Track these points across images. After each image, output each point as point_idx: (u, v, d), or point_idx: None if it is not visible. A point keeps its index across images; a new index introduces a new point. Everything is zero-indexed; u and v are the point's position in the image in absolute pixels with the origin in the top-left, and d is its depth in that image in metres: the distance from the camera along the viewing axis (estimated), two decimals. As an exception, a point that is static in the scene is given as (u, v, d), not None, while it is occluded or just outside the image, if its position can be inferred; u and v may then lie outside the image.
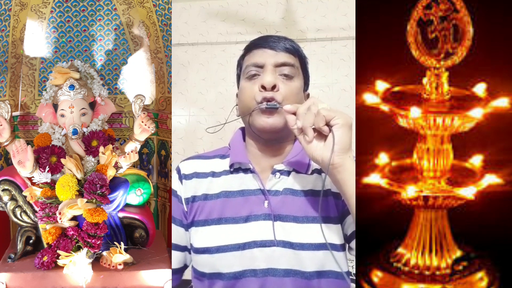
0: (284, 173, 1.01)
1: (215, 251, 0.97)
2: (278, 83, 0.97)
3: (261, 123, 0.97)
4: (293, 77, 1.00)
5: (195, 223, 1.03)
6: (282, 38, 1.03)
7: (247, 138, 1.07)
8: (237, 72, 1.10)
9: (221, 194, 1.02)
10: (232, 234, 0.97)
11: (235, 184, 1.02)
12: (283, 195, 0.99)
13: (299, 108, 0.86)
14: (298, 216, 0.97)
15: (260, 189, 1.00)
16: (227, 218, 0.99)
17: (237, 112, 1.07)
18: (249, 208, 0.99)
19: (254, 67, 1.00)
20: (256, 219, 0.97)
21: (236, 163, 1.04)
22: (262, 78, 0.98)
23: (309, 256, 0.94)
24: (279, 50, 1.00)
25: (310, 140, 0.84)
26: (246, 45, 1.06)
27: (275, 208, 0.97)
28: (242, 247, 0.96)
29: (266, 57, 0.99)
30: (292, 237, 0.95)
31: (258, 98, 0.97)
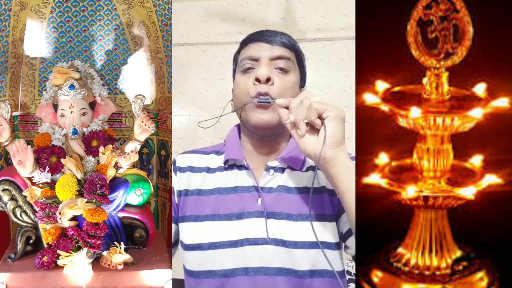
0: (278, 170, 1.00)
1: (207, 248, 0.95)
2: (273, 76, 0.95)
3: (254, 119, 0.95)
4: (289, 71, 0.98)
5: (186, 218, 1.01)
6: (279, 33, 1.01)
7: (242, 135, 1.06)
8: (232, 67, 1.09)
9: (214, 191, 1.01)
10: (225, 231, 0.96)
11: (229, 180, 1.01)
12: (277, 192, 0.98)
13: (292, 102, 0.85)
14: (292, 214, 0.95)
15: (254, 186, 0.99)
16: (220, 214, 0.98)
17: (232, 107, 1.05)
18: (242, 205, 0.97)
19: (249, 60, 0.98)
20: (249, 216, 0.96)
21: (231, 160, 1.02)
22: (257, 71, 0.96)
23: (302, 255, 0.92)
24: (275, 44, 0.98)
25: (302, 134, 0.83)
26: (242, 39, 1.05)
27: (268, 206, 0.96)
28: (234, 244, 0.94)
29: (262, 50, 0.98)
30: (285, 235, 0.93)
31: (251, 92, 0.95)
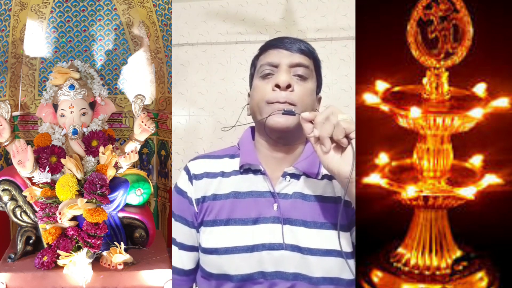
0: (295, 176, 1.00)
1: (223, 252, 0.96)
2: (293, 83, 0.96)
3: (272, 122, 0.95)
4: (307, 78, 0.99)
5: (204, 223, 1.02)
6: (298, 40, 1.03)
7: (257, 138, 1.06)
8: (250, 72, 1.09)
9: (230, 195, 1.01)
10: (241, 235, 0.96)
11: (244, 185, 1.01)
12: (293, 198, 0.98)
13: (317, 117, 0.84)
14: (307, 221, 0.96)
15: (269, 192, 0.99)
16: (236, 219, 0.98)
17: (248, 111, 1.07)
18: (258, 210, 0.98)
19: (269, 66, 1.00)
20: (265, 222, 0.97)
21: (246, 164, 1.02)
22: (277, 77, 0.97)
23: (316, 262, 0.93)
24: (294, 51, 1.00)
25: (327, 151, 0.82)
26: (262, 45, 1.06)
27: (284, 212, 0.97)
28: (250, 249, 0.95)
29: (281, 57, 0.99)
30: (301, 242, 0.94)
31: (270, 98, 0.96)
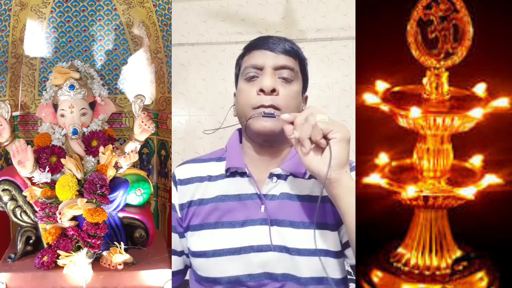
0: (281, 177, 1.00)
1: (211, 255, 0.96)
2: (277, 87, 0.95)
3: (258, 126, 0.94)
4: (292, 80, 0.97)
5: (191, 227, 1.02)
6: (282, 39, 1.00)
7: (244, 141, 1.05)
8: (235, 72, 1.08)
9: (217, 198, 1.01)
10: (229, 238, 0.97)
11: (231, 188, 1.01)
12: (280, 199, 0.98)
13: (297, 118, 0.83)
14: (295, 221, 0.96)
15: (256, 194, 0.99)
16: (224, 222, 0.98)
17: (234, 112, 1.05)
18: (246, 212, 0.98)
19: (253, 69, 0.98)
20: (253, 224, 0.97)
21: (233, 168, 1.02)
22: (261, 81, 0.95)
23: (305, 262, 0.93)
24: (279, 52, 0.97)
25: (306, 152, 0.82)
26: (246, 45, 1.04)
27: (271, 213, 0.96)
28: (238, 251, 0.95)
29: (266, 59, 0.97)
30: (289, 242, 0.94)
31: (255, 102, 0.95)
